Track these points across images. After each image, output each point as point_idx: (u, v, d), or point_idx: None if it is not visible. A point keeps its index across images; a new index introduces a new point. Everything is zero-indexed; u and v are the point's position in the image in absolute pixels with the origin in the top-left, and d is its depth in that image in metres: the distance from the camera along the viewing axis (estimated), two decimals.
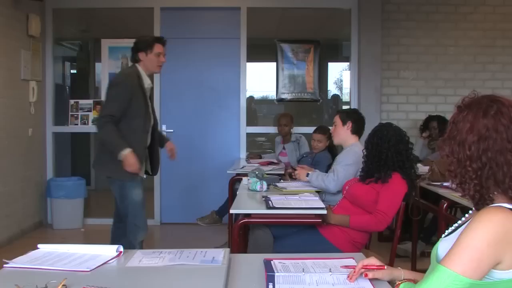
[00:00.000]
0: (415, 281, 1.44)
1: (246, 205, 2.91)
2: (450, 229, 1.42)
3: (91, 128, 5.49)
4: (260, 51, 6.32)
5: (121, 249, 1.82)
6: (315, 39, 5.87)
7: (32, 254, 1.78)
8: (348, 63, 5.96)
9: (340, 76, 6.90)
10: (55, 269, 1.61)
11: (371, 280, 1.51)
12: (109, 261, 1.72)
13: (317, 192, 3.21)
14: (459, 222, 1.41)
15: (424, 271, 1.42)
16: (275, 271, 1.60)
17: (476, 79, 5.61)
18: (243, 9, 5.62)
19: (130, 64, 3.57)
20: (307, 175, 3.42)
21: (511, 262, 1.22)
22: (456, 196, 2.93)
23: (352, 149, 3.27)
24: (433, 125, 5.09)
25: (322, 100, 5.99)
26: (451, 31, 5.65)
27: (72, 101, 5.69)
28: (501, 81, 5.66)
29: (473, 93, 1.37)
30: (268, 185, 3.27)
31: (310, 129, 4.83)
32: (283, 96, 5.83)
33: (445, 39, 5.65)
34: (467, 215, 1.42)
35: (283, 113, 5.54)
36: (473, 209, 1.38)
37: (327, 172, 3.47)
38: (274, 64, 5.82)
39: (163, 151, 3.73)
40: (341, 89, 6.87)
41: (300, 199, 2.85)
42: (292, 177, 3.71)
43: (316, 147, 4.27)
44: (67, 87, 7.15)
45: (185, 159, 5.01)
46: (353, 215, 2.74)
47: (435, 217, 4.07)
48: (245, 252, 2.78)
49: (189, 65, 5.69)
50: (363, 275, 1.52)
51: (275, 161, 5.00)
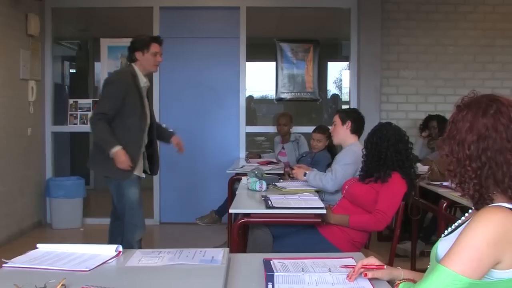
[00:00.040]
0: (414, 281, 1.44)
1: (245, 204, 2.90)
2: (449, 229, 1.42)
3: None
4: (259, 50, 6.32)
5: (120, 248, 1.82)
6: (315, 38, 5.87)
7: (31, 253, 1.78)
8: (347, 63, 5.96)
9: (339, 75, 6.90)
10: (54, 269, 1.61)
11: (370, 279, 1.51)
12: (108, 260, 1.72)
13: (317, 191, 3.21)
14: (459, 221, 1.41)
15: (423, 271, 1.42)
16: (275, 271, 1.60)
17: (475, 79, 5.61)
18: (243, 8, 5.62)
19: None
20: (305, 174, 3.42)
21: (511, 261, 1.22)
22: (455, 195, 2.93)
23: (351, 149, 3.26)
24: (433, 125, 5.09)
25: (321, 99, 5.99)
26: (451, 31, 5.65)
27: (71, 101, 5.69)
28: (500, 80, 5.66)
29: (472, 92, 1.37)
30: (267, 184, 3.27)
31: (309, 129, 4.84)
32: (283, 95, 5.83)
33: (444, 38, 5.65)
34: (466, 215, 1.42)
35: (283, 112, 5.53)
36: (473, 208, 1.38)
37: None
38: (273, 63, 5.82)
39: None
40: (340, 88, 6.87)
41: (299, 199, 2.85)
42: (290, 177, 3.71)
43: (315, 146, 4.26)
44: (66, 87, 7.14)
45: (184, 159, 5.00)
46: (352, 215, 2.74)
47: (435, 217, 4.07)
48: (245, 251, 2.78)
49: (189, 65, 5.68)
50: (363, 275, 1.52)
51: (275, 160, 5.00)
